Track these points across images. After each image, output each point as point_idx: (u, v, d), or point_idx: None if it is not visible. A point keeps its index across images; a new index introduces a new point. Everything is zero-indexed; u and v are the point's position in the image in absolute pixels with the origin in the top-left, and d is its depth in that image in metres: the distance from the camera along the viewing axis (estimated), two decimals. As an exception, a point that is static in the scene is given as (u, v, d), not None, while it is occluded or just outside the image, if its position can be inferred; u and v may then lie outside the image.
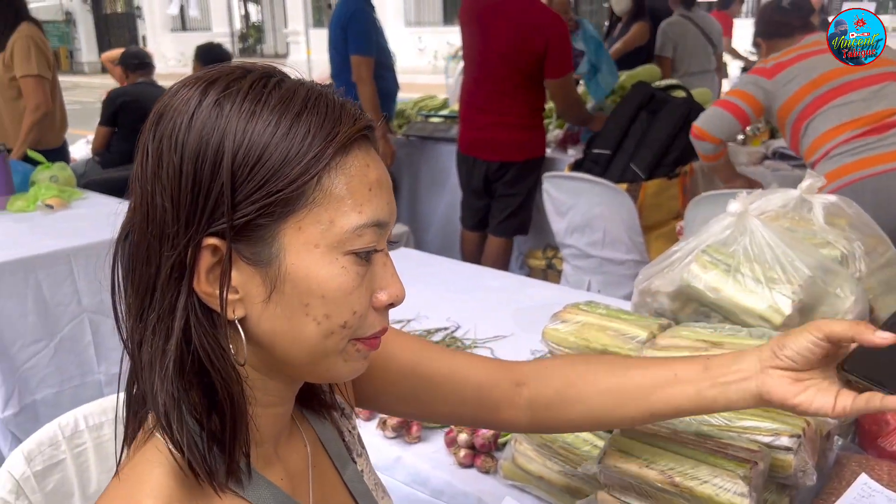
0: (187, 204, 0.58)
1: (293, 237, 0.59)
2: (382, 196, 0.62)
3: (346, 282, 0.60)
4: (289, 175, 0.57)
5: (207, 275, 0.59)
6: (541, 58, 3.04)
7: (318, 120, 0.59)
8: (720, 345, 1.02)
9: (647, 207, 2.85)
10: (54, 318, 2.31)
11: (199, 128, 0.57)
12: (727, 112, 2.46)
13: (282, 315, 0.60)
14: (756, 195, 1.27)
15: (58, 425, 1.17)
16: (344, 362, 0.64)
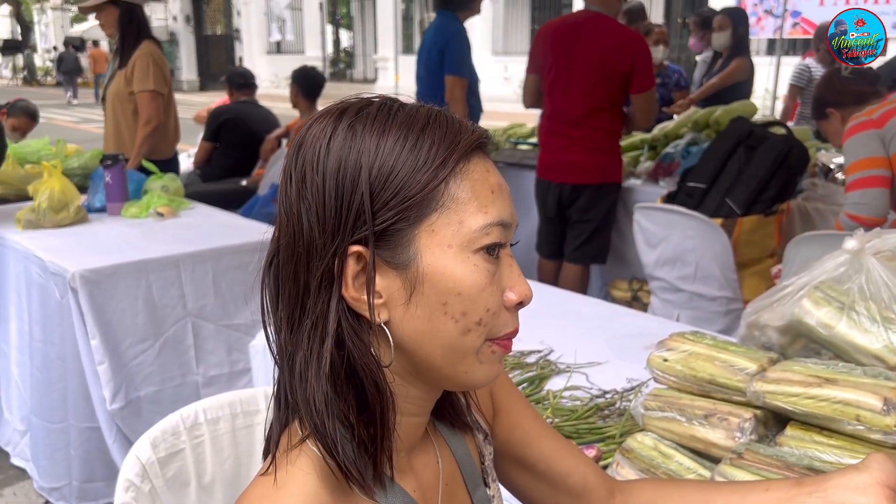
0: (332, 217, 0.63)
1: (428, 239, 0.63)
2: (504, 199, 0.67)
3: (480, 279, 0.64)
4: (419, 182, 0.62)
5: (354, 281, 0.64)
6: (628, 75, 3.18)
7: (441, 132, 0.64)
8: (834, 381, 1.01)
9: (742, 244, 2.80)
10: (160, 320, 2.44)
11: (337, 149, 0.63)
12: (876, 188, 2.33)
13: (422, 315, 0.64)
14: (873, 234, 1.25)
15: (180, 416, 1.24)
16: (480, 364, 0.67)
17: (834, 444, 0.99)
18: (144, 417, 2.36)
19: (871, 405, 0.95)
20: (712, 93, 4.74)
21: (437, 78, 3.82)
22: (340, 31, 24.75)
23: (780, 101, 8.22)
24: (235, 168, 4.82)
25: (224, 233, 2.73)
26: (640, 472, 1.11)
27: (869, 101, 2.45)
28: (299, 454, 0.66)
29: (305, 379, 0.65)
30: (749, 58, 4.77)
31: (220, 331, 2.54)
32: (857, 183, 2.36)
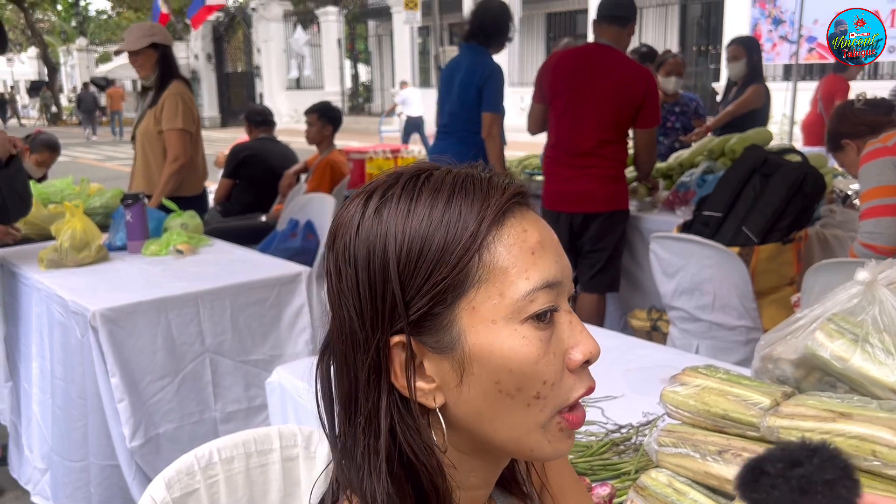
0: (368, 310, 0.61)
1: (469, 318, 0.60)
2: (548, 256, 0.62)
3: (531, 351, 0.60)
4: (450, 261, 0.59)
5: (403, 370, 0.62)
6: (638, 108, 3.25)
7: (468, 201, 0.61)
8: (849, 416, 0.99)
9: (760, 272, 2.78)
10: (179, 356, 2.46)
11: (365, 237, 0.61)
12: (890, 217, 2.31)
13: (477, 395, 0.62)
14: (885, 264, 1.24)
15: (194, 456, 1.25)
16: (547, 442, 0.64)
17: (850, 480, 0.97)
18: (163, 455, 2.37)
19: (887, 440, 0.94)
20: (727, 121, 4.74)
21: (473, 114, 3.85)
22: (359, 65, 25.11)
23: (797, 126, 8.19)
24: (255, 204, 4.88)
25: (242, 269, 2.76)
26: (655, 509, 1.10)
27: (884, 130, 2.44)
28: None
29: (363, 474, 0.63)
30: (764, 84, 4.78)
31: (238, 367, 2.56)
32: (870, 211, 2.34)
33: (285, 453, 1.34)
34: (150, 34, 3.54)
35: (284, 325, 2.67)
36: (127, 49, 3.54)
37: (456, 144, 4.00)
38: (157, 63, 3.56)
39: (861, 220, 2.39)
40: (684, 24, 17.22)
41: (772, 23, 13.10)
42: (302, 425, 1.42)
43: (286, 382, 1.79)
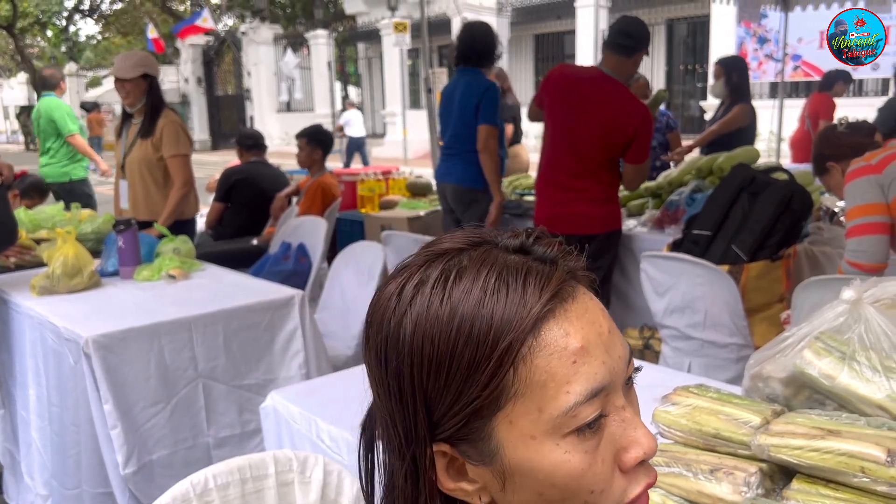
0: (400, 420, 0.59)
1: (507, 432, 0.57)
2: (594, 360, 0.56)
3: (574, 466, 0.56)
4: (481, 381, 0.55)
5: (447, 472, 0.60)
6: (629, 143, 3.22)
7: (501, 306, 0.55)
8: (837, 433, 1.01)
9: (750, 290, 2.81)
10: (172, 382, 2.46)
11: (394, 349, 0.58)
12: (874, 235, 2.34)
13: (523, 500, 0.59)
14: (870, 283, 1.26)
15: (190, 483, 1.25)
16: None
17: (841, 496, 0.99)
18: (157, 482, 2.36)
19: (876, 457, 0.96)
20: (712, 139, 4.80)
21: (472, 130, 3.94)
22: (349, 87, 25.22)
23: (785, 143, 8.28)
24: (247, 227, 4.89)
25: (234, 293, 2.76)
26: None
27: (867, 150, 2.48)
28: None
29: None
30: (749, 103, 4.84)
31: (232, 391, 2.56)
32: (855, 230, 2.37)
33: (280, 478, 1.34)
34: (143, 64, 3.60)
35: (277, 348, 2.67)
36: (119, 76, 3.58)
37: (460, 164, 4.08)
38: (145, 92, 3.63)
39: (847, 238, 2.42)
40: (671, 43, 17.43)
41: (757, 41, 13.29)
42: (297, 450, 1.43)
43: (280, 407, 1.79)
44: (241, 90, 24.63)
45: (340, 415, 1.67)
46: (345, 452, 1.59)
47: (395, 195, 5.38)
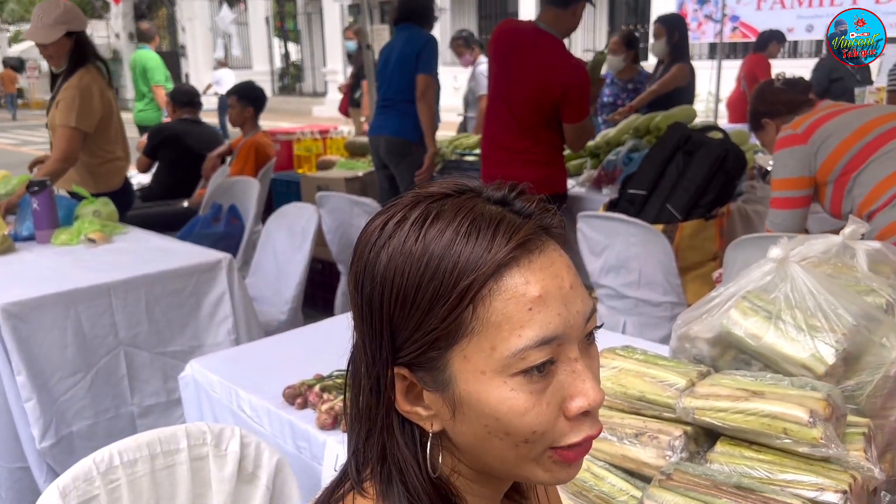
0: (369, 342, 0.64)
1: (461, 365, 0.61)
2: (549, 310, 0.60)
3: (518, 404, 0.60)
4: (440, 314, 0.59)
5: (406, 396, 0.64)
6: (558, 103, 3.03)
7: (468, 249, 0.59)
8: (761, 394, 0.99)
9: (684, 249, 2.82)
10: (92, 351, 2.34)
11: (372, 271, 0.62)
12: (792, 210, 2.38)
13: (469, 431, 0.63)
14: (798, 241, 1.25)
15: (93, 461, 1.17)
16: (543, 472, 0.64)
17: (763, 458, 0.97)
18: (77, 454, 2.26)
19: (798, 418, 0.94)
20: (652, 99, 4.80)
21: (410, 82, 3.92)
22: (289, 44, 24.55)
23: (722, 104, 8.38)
24: (176, 188, 4.71)
25: (158, 258, 2.64)
26: (573, 495, 1.08)
27: (801, 108, 2.48)
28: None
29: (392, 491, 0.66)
30: (689, 63, 4.84)
31: (156, 359, 2.46)
32: (776, 201, 2.42)
33: (193, 453, 1.27)
34: (64, 21, 3.19)
35: (204, 314, 2.57)
36: (37, 42, 3.24)
37: (395, 116, 4.02)
38: (70, 52, 3.24)
39: (769, 206, 2.46)
40: (613, 5, 17.40)
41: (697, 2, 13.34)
42: (214, 422, 1.36)
43: (200, 376, 1.71)
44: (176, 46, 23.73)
45: (263, 383, 1.61)
46: (266, 422, 1.52)
47: (333, 155, 5.24)
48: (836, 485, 0.91)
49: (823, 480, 0.92)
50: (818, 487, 0.91)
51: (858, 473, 0.95)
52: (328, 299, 4.08)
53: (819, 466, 0.94)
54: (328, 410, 1.42)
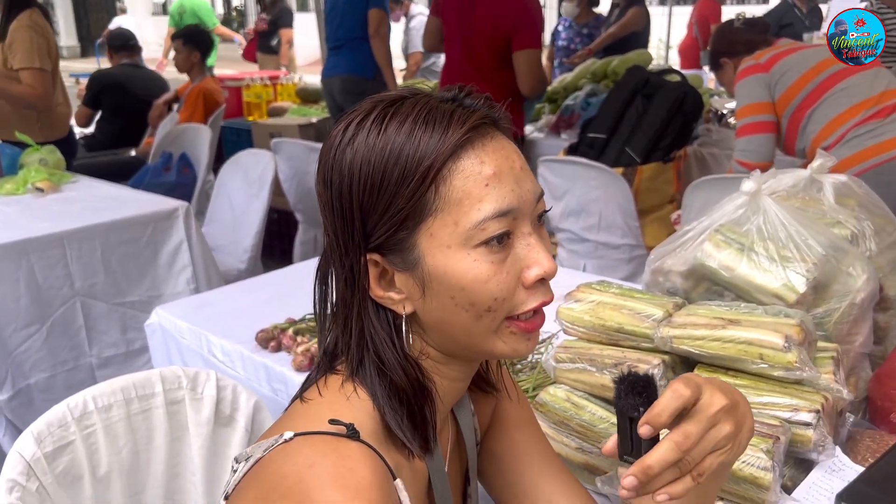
0: (341, 233, 0.70)
1: (428, 242, 0.67)
2: (503, 186, 0.66)
3: (480, 272, 0.66)
4: (405, 194, 0.65)
5: (378, 282, 0.70)
6: (512, 30, 3.01)
7: (427, 136, 0.65)
8: (737, 322, 1.02)
9: (643, 192, 2.86)
10: (46, 302, 2.28)
11: (339, 165, 0.68)
12: (762, 134, 2.39)
13: (438, 307, 0.69)
14: (768, 175, 1.27)
15: (66, 406, 1.15)
16: (503, 343, 0.71)
17: (740, 383, 1.00)
18: (36, 406, 2.22)
19: (774, 343, 0.97)
20: (610, 42, 4.79)
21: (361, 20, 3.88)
22: (231, -12, 23.70)
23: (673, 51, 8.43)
24: (122, 137, 4.56)
25: (112, 206, 2.56)
26: (555, 424, 1.10)
27: (759, 48, 2.51)
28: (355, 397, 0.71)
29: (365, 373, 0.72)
30: (644, 6, 4.84)
31: (114, 309, 2.41)
32: (744, 129, 2.43)
33: (169, 396, 1.25)
34: None
35: (162, 264, 2.52)
36: None
37: (348, 54, 3.98)
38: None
39: (736, 137, 2.48)
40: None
41: (647, -53, 13.28)
42: (186, 367, 1.34)
43: (167, 323, 1.68)
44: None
45: (232, 328, 1.59)
46: (239, 367, 1.51)
47: (284, 101, 5.12)
48: (810, 405, 0.95)
49: (798, 402, 0.95)
50: (793, 408, 0.95)
51: (829, 395, 0.99)
52: (286, 250, 4.04)
53: (793, 389, 0.98)
54: (304, 352, 1.42)
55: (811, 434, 0.94)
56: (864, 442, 1.05)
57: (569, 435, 1.08)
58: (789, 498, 0.91)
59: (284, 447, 0.66)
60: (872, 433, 1.07)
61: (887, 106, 2.22)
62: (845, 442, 1.07)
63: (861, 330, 1.17)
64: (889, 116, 2.20)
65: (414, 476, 0.73)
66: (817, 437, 0.94)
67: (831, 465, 0.98)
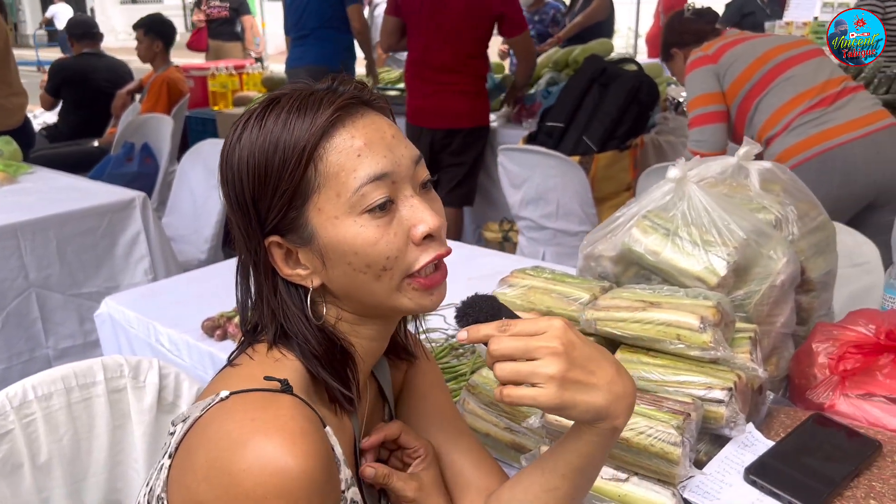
0: (241, 221, 0.76)
1: (318, 217, 0.73)
2: (375, 154, 0.72)
3: (368, 235, 0.72)
4: (286, 177, 0.71)
5: (286, 262, 0.76)
6: (497, 18, 3.17)
7: (300, 122, 0.72)
8: (658, 304, 1.05)
9: (599, 180, 2.90)
10: (1, 294, 2.27)
11: (230, 160, 0.75)
12: (713, 125, 2.43)
13: (340, 274, 0.75)
14: (695, 162, 1.31)
15: (5, 395, 1.16)
16: (408, 299, 0.76)
17: (659, 363, 1.04)
18: (-9, 399, 2.21)
19: (690, 324, 1.01)
20: (577, 32, 4.83)
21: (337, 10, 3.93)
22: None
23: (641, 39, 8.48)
24: (84, 127, 4.51)
25: (68, 197, 2.55)
26: (486, 405, 1.13)
27: (708, 38, 2.55)
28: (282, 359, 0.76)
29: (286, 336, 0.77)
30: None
31: (70, 300, 2.40)
32: (696, 119, 2.47)
33: (111, 385, 1.27)
34: None
35: (119, 254, 2.51)
36: None
37: (315, 44, 4.00)
38: None
39: (689, 128, 2.52)
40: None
41: (618, -64, 13.31)
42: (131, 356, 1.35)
43: (116, 313, 1.69)
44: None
45: (181, 317, 1.60)
46: (186, 355, 1.52)
47: (250, 91, 5.09)
48: (723, 383, 0.99)
49: (712, 380, 0.99)
50: (707, 386, 0.99)
51: (744, 373, 1.03)
52: (250, 239, 4.03)
53: (709, 368, 1.02)
54: (248, 340, 1.43)
55: (723, 411, 0.98)
56: (779, 418, 1.09)
57: (498, 415, 1.11)
58: (699, 472, 0.95)
59: (222, 405, 0.70)
60: (788, 410, 1.12)
61: (830, 94, 2.27)
62: (763, 419, 1.11)
63: (782, 311, 1.21)
64: (832, 104, 2.26)
65: (341, 431, 0.78)
66: (729, 414, 0.98)
67: (744, 440, 1.02)
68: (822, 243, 1.32)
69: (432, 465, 0.88)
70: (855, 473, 0.96)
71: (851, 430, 1.04)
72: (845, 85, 2.30)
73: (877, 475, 0.97)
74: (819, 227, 1.32)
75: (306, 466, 0.65)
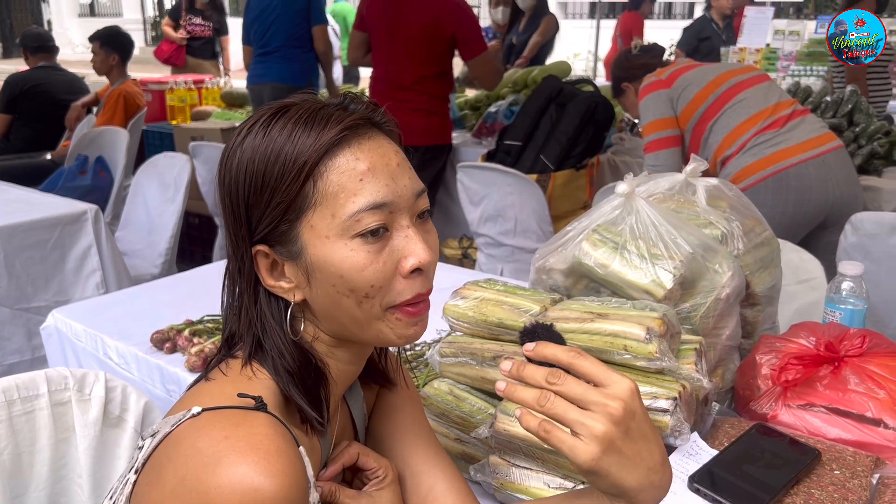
0: (232, 227, 0.75)
1: (309, 233, 0.72)
2: (377, 181, 0.71)
3: (357, 261, 0.71)
4: (284, 189, 0.70)
5: (270, 272, 0.75)
6: (451, 41, 3.20)
7: (305, 136, 0.71)
8: (605, 316, 1.07)
9: (557, 198, 2.94)
10: (-54, 308, 2.21)
11: (230, 165, 0.74)
12: (668, 149, 2.49)
13: (323, 294, 0.74)
14: (642, 178, 1.34)
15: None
16: (389, 329, 0.75)
17: (607, 374, 1.05)
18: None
19: (636, 335, 1.02)
20: (537, 51, 4.92)
21: (301, 29, 3.98)
22: (162, -9, 23.17)
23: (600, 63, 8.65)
24: (37, 140, 4.43)
25: (17, 209, 2.49)
26: (436, 416, 1.14)
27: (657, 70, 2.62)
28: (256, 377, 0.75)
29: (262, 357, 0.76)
30: (553, 15, 5.01)
31: (18, 315, 2.34)
32: (651, 145, 2.53)
33: (55, 398, 1.24)
34: None
35: (70, 268, 2.46)
36: None
37: (278, 62, 4.01)
38: None
39: (644, 153, 2.57)
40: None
41: (577, -39, 13.59)
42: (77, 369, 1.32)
43: (63, 326, 1.66)
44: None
45: (130, 330, 1.57)
46: (134, 368, 1.50)
47: (208, 105, 5.05)
48: (668, 393, 1.00)
49: (657, 390, 1.01)
50: (652, 396, 1.00)
51: (689, 383, 1.05)
52: (206, 255, 3.99)
53: (654, 378, 1.03)
54: (198, 353, 1.42)
55: (668, 420, 0.99)
56: (723, 428, 1.11)
57: (448, 426, 1.12)
58: (645, 480, 0.96)
59: (194, 422, 0.68)
60: (733, 420, 1.14)
61: (782, 116, 2.34)
62: (709, 429, 1.13)
63: (727, 324, 1.24)
64: (785, 125, 2.33)
65: (312, 452, 0.77)
66: (674, 423, 0.99)
67: (689, 449, 1.04)
68: (767, 258, 1.35)
69: (390, 486, 0.87)
70: (795, 481, 0.98)
71: (792, 440, 1.07)
72: (795, 108, 2.37)
73: (815, 483, 0.99)
74: (764, 242, 1.36)
75: (281, 486, 0.64)
